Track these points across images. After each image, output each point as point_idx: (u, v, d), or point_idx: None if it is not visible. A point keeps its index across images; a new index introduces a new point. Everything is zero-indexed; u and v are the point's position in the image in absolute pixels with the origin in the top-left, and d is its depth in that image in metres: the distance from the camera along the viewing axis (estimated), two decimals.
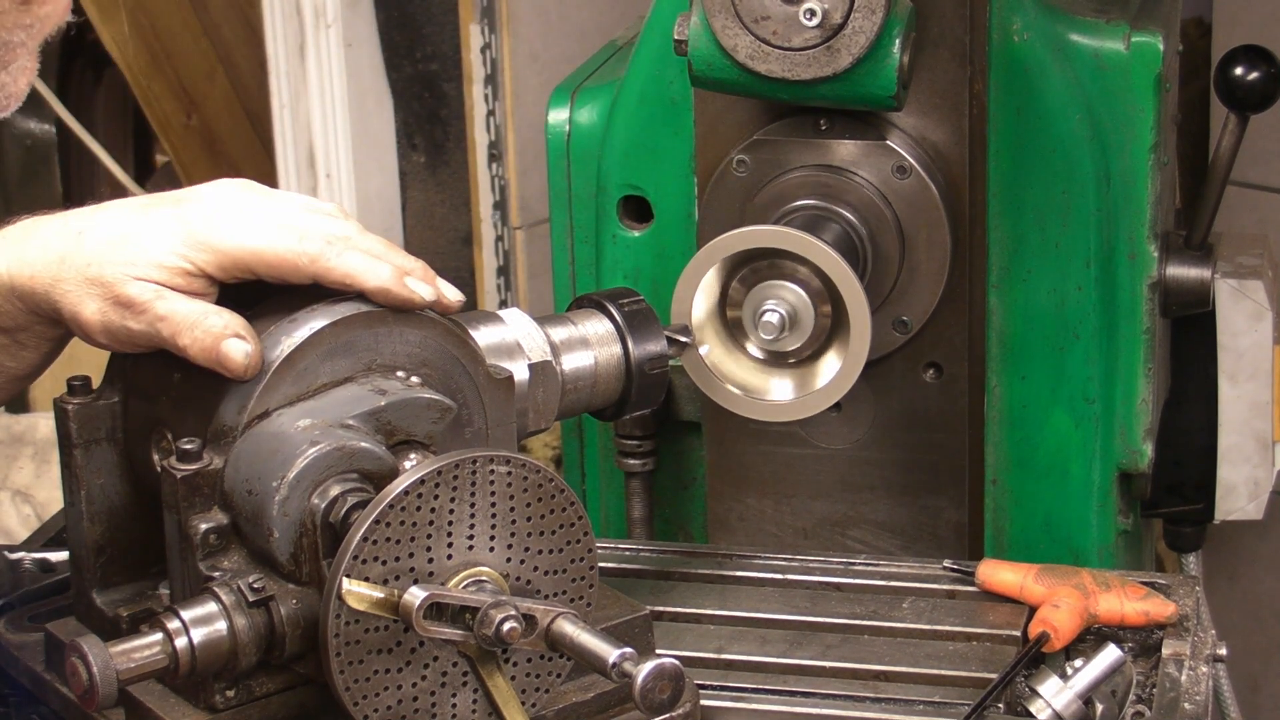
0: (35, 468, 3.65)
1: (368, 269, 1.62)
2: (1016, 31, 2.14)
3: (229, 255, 1.61)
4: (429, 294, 1.65)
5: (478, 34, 3.38)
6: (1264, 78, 2.26)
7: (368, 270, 1.62)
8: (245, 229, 1.62)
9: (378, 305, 1.62)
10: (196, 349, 1.59)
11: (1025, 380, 2.24)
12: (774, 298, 2.00)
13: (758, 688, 1.84)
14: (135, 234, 1.63)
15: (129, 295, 1.60)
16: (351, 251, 1.63)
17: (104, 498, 1.67)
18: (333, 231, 1.64)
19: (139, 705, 1.57)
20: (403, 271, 1.64)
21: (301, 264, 1.61)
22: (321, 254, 1.62)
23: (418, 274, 1.65)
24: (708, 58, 2.02)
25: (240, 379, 1.58)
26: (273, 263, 1.61)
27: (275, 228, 1.62)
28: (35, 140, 4.49)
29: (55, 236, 1.65)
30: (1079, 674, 1.78)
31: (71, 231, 1.65)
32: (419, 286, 1.64)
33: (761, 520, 2.28)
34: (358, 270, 1.62)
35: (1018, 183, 2.18)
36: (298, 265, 1.61)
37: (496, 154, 3.45)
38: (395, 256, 1.66)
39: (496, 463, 1.49)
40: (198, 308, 1.60)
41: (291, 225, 1.63)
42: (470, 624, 1.46)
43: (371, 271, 1.62)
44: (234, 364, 1.57)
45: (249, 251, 1.61)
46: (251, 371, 1.57)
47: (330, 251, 1.62)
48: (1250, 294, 2.37)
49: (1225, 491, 2.46)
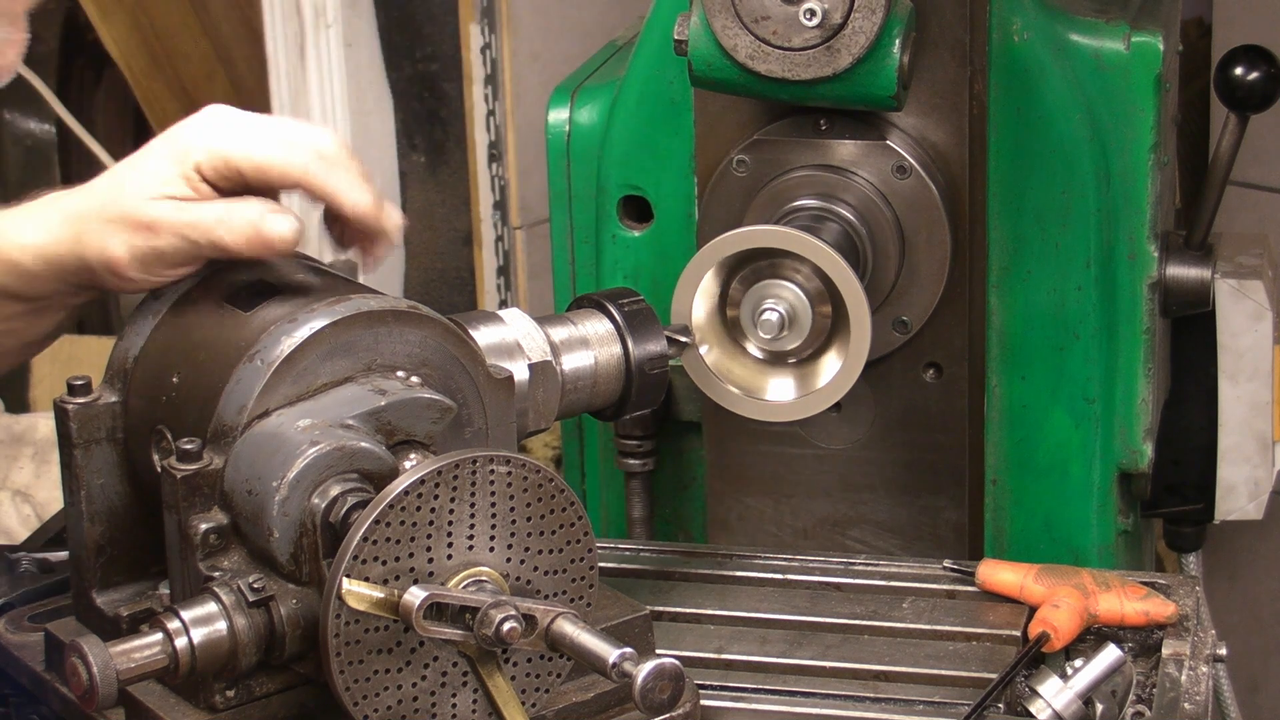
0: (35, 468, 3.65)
1: (350, 189, 1.66)
2: (1016, 31, 2.14)
3: (219, 154, 1.64)
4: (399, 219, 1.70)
5: (478, 34, 3.38)
6: (1264, 78, 2.26)
7: (350, 190, 1.66)
8: (235, 133, 1.65)
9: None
10: (235, 238, 1.62)
11: (1025, 380, 2.24)
12: (773, 297, 2.00)
13: (758, 688, 1.84)
14: (137, 164, 1.67)
15: (149, 216, 1.63)
16: (337, 170, 1.66)
17: (104, 498, 1.67)
18: (322, 147, 1.67)
19: (139, 705, 1.57)
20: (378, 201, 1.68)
21: (291, 170, 1.65)
22: (309, 166, 1.65)
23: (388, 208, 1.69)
24: (708, 58, 2.02)
25: (289, 252, 1.62)
26: (261, 164, 1.64)
27: (266, 134, 1.65)
28: (35, 140, 4.48)
29: (70, 199, 1.69)
30: (1079, 674, 1.78)
31: (82, 191, 1.69)
32: (394, 213, 1.69)
33: (761, 520, 2.28)
34: (341, 189, 1.66)
35: (1018, 183, 2.18)
36: (286, 171, 1.65)
37: (496, 154, 3.45)
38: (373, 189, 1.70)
39: (496, 463, 1.49)
40: (220, 204, 1.64)
41: (282, 136, 1.66)
42: (470, 624, 1.46)
43: (355, 192, 1.66)
44: (281, 238, 1.61)
45: (239, 152, 1.64)
46: (298, 240, 1.62)
47: (318, 166, 1.65)
48: (1250, 294, 2.37)
49: (1225, 491, 2.46)
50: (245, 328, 1.61)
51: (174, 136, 1.67)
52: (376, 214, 1.67)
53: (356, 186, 1.66)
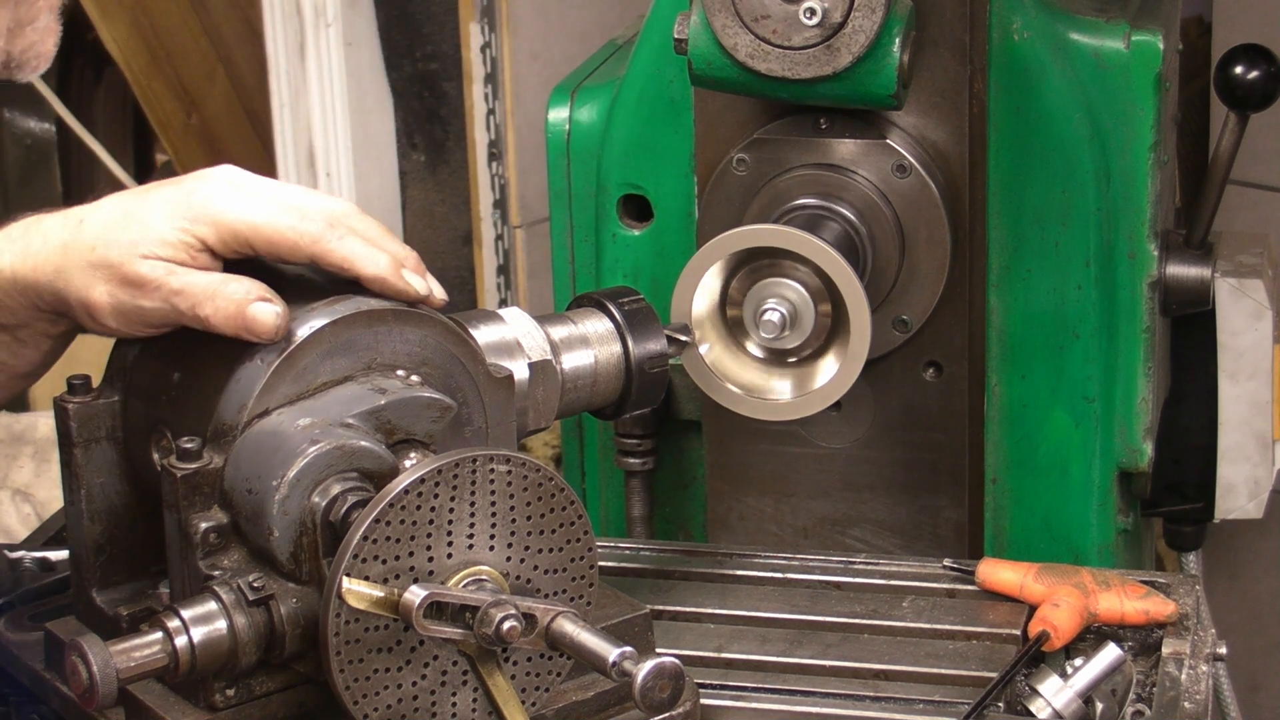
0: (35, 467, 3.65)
1: (366, 256, 1.63)
2: (1016, 31, 2.14)
3: (229, 227, 1.60)
4: (423, 288, 1.65)
5: (478, 33, 3.38)
6: (1264, 77, 2.26)
7: (366, 257, 1.63)
8: (246, 204, 1.62)
9: (373, 294, 1.63)
10: (220, 318, 1.58)
11: (1025, 379, 2.24)
12: (776, 296, 2.00)
13: (758, 687, 1.84)
14: (136, 213, 1.62)
15: (139, 274, 1.60)
16: (351, 237, 1.63)
17: (104, 497, 1.67)
18: (334, 212, 1.64)
19: (139, 704, 1.57)
20: (399, 262, 1.64)
21: (302, 243, 1.61)
22: (322, 235, 1.62)
23: (411, 265, 1.66)
24: (708, 56, 2.02)
25: (271, 341, 1.57)
26: (272, 238, 1.61)
27: (277, 205, 1.62)
28: (35, 140, 4.48)
29: (57, 228, 1.65)
30: (1079, 673, 1.78)
31: (73, 222, 1.65)
32: (414, 279, 1.65)
33: (761, 519, 2.28)
34: (356, 256, 1.62)
35: (1018, 182, 2.18)
36: (297, 244, 1.61)
37: (496, 153, 3.45)
38: (390, 244, 1.66)
39: (497, 462, 1.49)
40: (214, 277, 1.60)
41: (293, 204, 1.63)
42: (470, 623, 1.46)
43: (370, 259, 1.63)
44: (264, 326, 1.57)
45: (249, 225, 1.61)
46: (281, 332, 1.57)
47: (331, 235, 1.62)
48: (1250, 293, 2.37)
49: (1225, 490, 2.46)
50: None
51: (185, 197, 1.62)
52: (394, 279, 1.63)
53: (372, 254, 1.63)
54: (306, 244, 1.61)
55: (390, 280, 1.63)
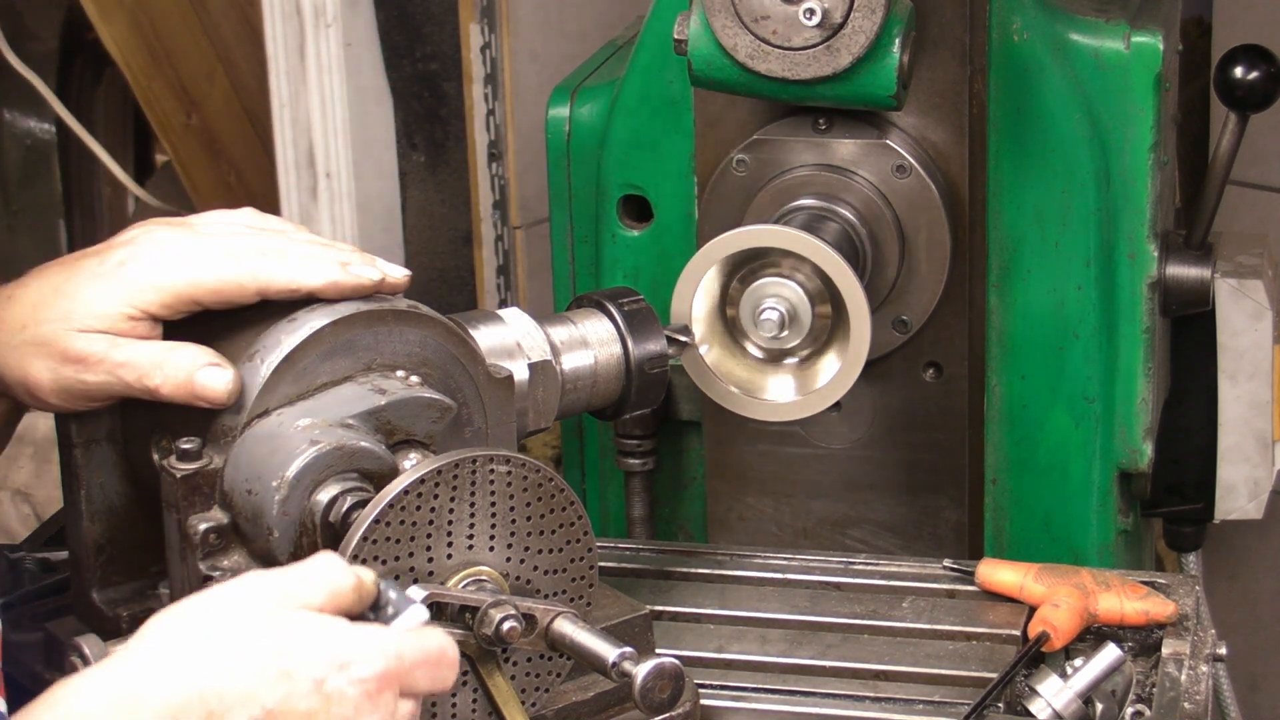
0: (35, 467, 3.65)
1: (308, 269, 1.60)
2: (1016, 31, 2.14)
3: (171, 291, 1.58)
4: (375, 274, 1.62)
5: (477, 33, 3.38)
6: (1264, 78, 2.26)
7: (309, 270, 1.60)
8: (180, 262, 1.59)
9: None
10: (170, 387, 1.56)
11: (1025, 380, 2.24)
12: (773, 296, 2.00)
13: (758, 687, 1.84)
14: (65, 287, 1.59)
15: (78, 350, 1.57)
16: (287, 259, 1.60)
17: (104, 497, 1.67)
18: (264, 245, 1.61)
19: None
20: (342, 262, 1.62)
21: (245, 283, 1.59)
22: (259, 267, 1.59)
23: (356, 261, 1.63)
24: (708, 57, 2.02)
25: (223, 407, 1.55)
26: (216, 288, 1.58)
27: (209, 254, 1.59)
28: (35, 140, 4.48)
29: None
30: (1079, 673, 1.78)
31: (7, 295, 1.61)
32: (363, 271, 1.62)
33: (761, 520, 2.28)
34: (299, 274, 1.60)
35: (1018, 183, 2.18)
36: (241, 285, 1.59)
37: (496, 153, 3.44)
38: (330, 251, 1.64)
39: (496, 462, 1.49)
40: (157, 347, 1.57)
41: (223, 249, 1.60)
42: (470, 623, 1.46)
43: (313, 270, 1.60)
44: (215, 393, 1.54)
45: (190, 283, 1.58)
46: (234, 397, 1.55)
47: (266, 264, 1.59)
48: (1250, 293, 2.37)
49: (1225, 491, 2.46)
50: (245, 326, 1.61)
51: (117, 269, 1.58)
52: (344, 279, 1.60)
53: (312, 264, 1.60)
54: (250, 282, 1.59)
55: (341, 281, 1.60)
